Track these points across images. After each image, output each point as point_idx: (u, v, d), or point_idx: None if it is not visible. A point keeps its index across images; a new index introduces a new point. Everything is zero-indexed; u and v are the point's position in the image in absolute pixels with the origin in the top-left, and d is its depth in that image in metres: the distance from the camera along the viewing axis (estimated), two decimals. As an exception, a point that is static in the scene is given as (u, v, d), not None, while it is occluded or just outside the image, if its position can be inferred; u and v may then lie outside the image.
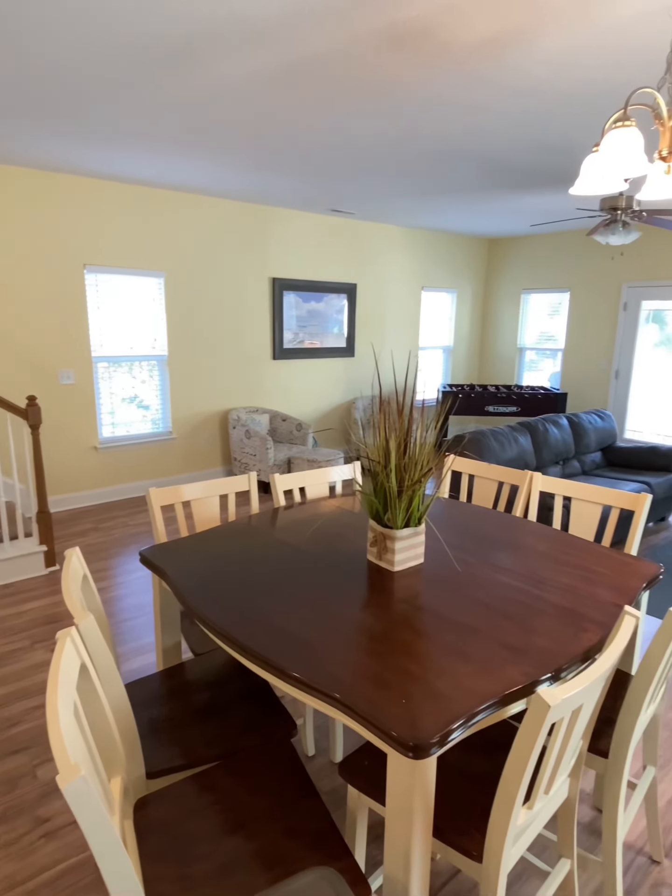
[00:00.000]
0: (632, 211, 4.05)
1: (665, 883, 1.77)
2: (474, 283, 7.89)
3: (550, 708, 0.98)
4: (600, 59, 2.35)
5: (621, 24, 2.06)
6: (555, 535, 2.09)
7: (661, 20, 2.02)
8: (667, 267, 6.34)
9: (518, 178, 4.37)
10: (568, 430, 4.89)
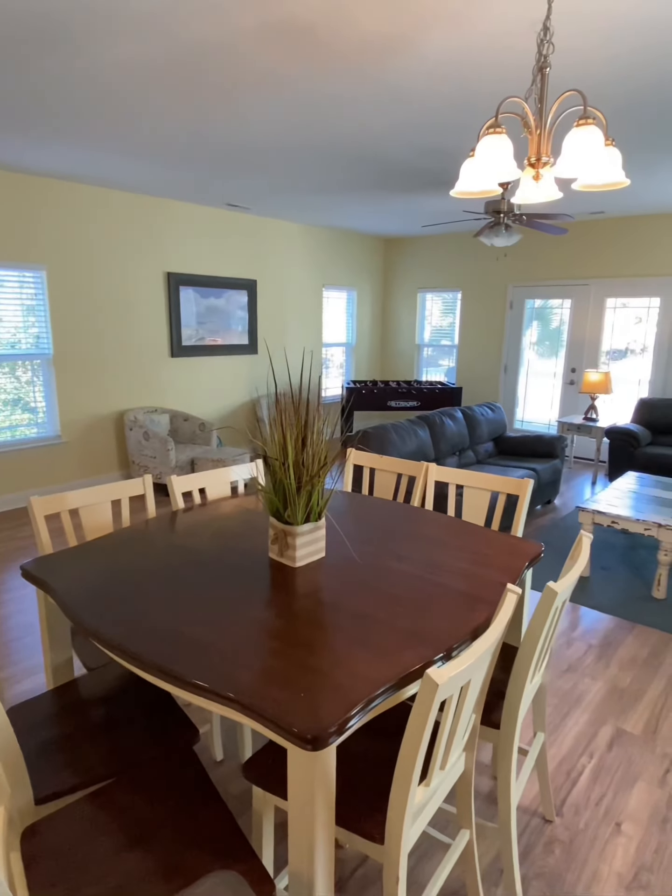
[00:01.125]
0: (513, 214, 4.31)
1: (557, 839, 1.91)
2: (373, 282, 8.07)
3: (439, 686, 1.02)
4: (476, 67, 2.47)
5: (494, 35, 2.18)
6: (449, 522, 2.18)
7: (529, 34, 2.16)
8: (546, 268, 6.83)
9: (407, 179, 4.52)
10: (462, 422, 5.13)
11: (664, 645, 3.04)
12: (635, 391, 6.51)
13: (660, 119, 3.11)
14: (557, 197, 1.91)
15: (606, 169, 1.55)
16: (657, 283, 6.13)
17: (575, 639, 3.09)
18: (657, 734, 2.38)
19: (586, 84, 2.62)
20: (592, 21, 2.05)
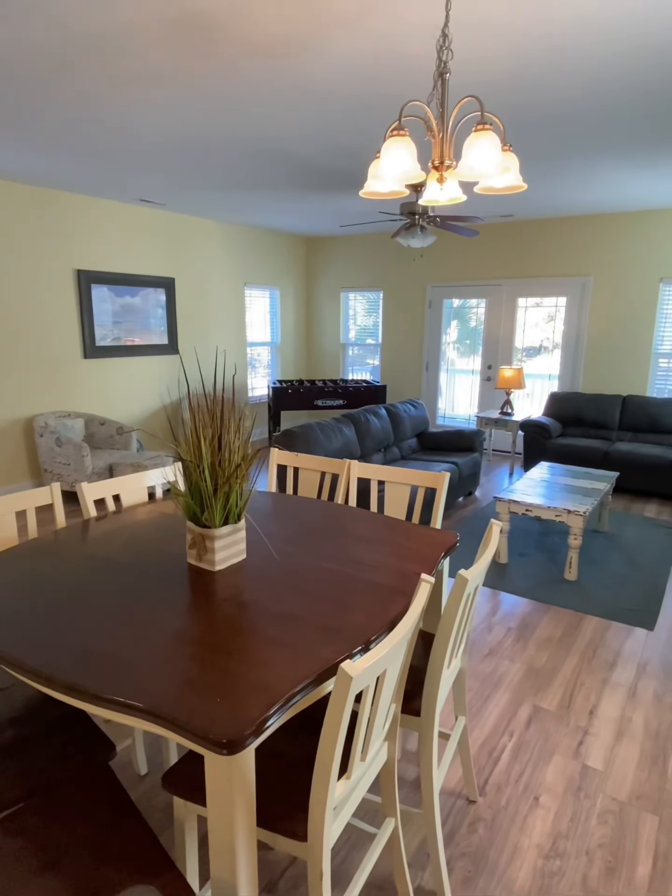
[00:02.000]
0: (427, 216, 4.43)
1: (480, 818, 1.98)
2: (296, 281, 8.07)
3: (353, 679, 1.04)
4: (381, 70, 2.52)
5: (396, 39, 2.23)
6: (370, 518, 2.21)
7: (430, 40, 2.22)
8: (461, 269, 7.07)
9: (323, 178, 4.54)
10: (387, 419, 5.23)
11: (576, 623, 3.23)
12: (548, 386, 6.87)
13: (555, 127, 3.29)
14: (462, 199, 1.98)
15: (503, 173, 1.62)
16: (564, 284, 6.49)
17: (495, 623, 3.23)
18: (571, 708, 2.53)
19: (487, 90, 2.73)
20: (491, 30, 2.14)
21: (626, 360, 6.25)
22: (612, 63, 2.44)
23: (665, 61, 2.42)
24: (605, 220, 6.12)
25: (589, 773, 2.17)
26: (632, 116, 3.10)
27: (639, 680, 2.73)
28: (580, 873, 1.78)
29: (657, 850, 1.86)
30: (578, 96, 2.81)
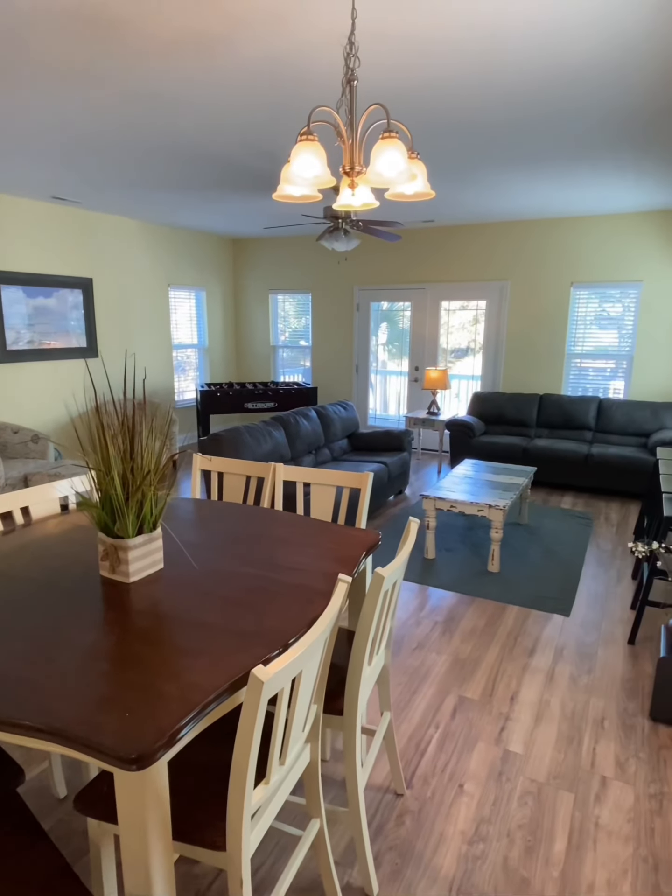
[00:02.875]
0: (350, 220, 4.49)
1: (408, 811, 2.02)
2: (223, 282, 7.96)
3: (264, 684, 1.03)
4: (294, 73, 2.53)
5: (307, 44, 2.25)
6: (294, 520, 2.22)
7: (338, 46, 2.25)
8: (387, 272, 7.21)
9: (243, 179, 4.51)
10: (317, 421, 5.25)
11: (499, 614, 3.36)
12: (473, 386, 7.11)
13: (466, 138, 3.41)
14: (375, 205, 2.02)
15: (410, 181, 1.67)
16: (483, 287, 6.74)
17: (423, 618, 3.31)
18: (493, 696, 2.62)
19: (397, 98, 2.80)
20: (398, 41, 2.20)
21: (542, 361, 6.56)
22: (516, 78, 2.55)
23: (564, 76, 2.56)
24: (520, 227, 6.41)
25: (510, 757, 2.26)
26: (536, 130, 3.26)
27: (556, 664, 2.87)
28: (501, 855, 1.85)
29: (572, 826, 1.97)
30: (485, 109, 2.93)
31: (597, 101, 2.82)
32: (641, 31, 2.13)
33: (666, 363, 5.97)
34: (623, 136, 3.36)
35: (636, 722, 2.46)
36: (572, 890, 1.74)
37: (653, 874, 1.79)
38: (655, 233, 5.79)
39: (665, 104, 2.86)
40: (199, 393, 6.59)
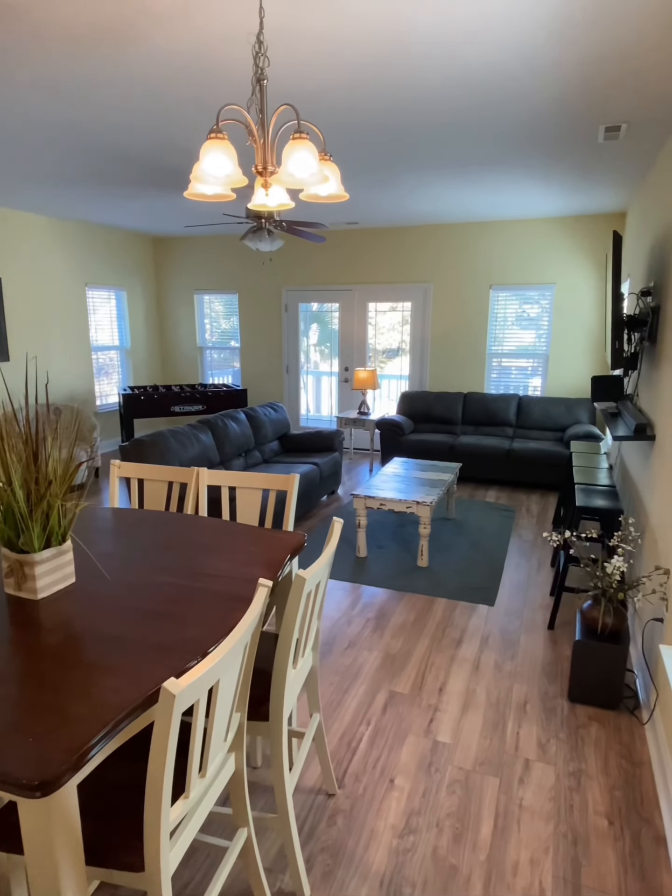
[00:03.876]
0: (273, 220, 4.46)
1: (340, 810, 2.03)
2: (145, 282, 7.73)
3: (176, 697, 1.00)
4: (204, 71, 2.49)
5: (217, 42, 2.21)
6: (217, 526, 2.17)
7: (247, 45, 2.23)
8: (314, 274, 7.22)
9: (160, 176, 4.39)
10: (246, 423, 5.19)
11: (427, 607, 3.43)
12: (402, 385, 7.24)
13: (384, 142, 3.47)
14: (290, 206, 2.01)
15: (321, 182, 1.67)
16: (408, 289, 6.88)
17: (355, 616, 3.33)
18: (422, 689, 2.68)
19: (311, 100, 2.80)
20: (308, 42, 2.20)
21: (465, 360, 6.78)
22: (421, 85, 2.62)
23: (469, 86, 2.65)
24: (441, 230, 6.59)
25: (439, 748, 2.32)
26: (447, 137, 3.36)
27: (482, 653, 2.96)
28: (431, 845, 1.89)
29: (498, 809, 2.03)
30: (397, 114, 2.99)
31: (502, 110, 2.94)
32: (543, 44, 2.24)
33: (578, 361, 6.31)
34: (531, 144, 3.52)
35: (556, 704, 2.58)
36: (498, 872, 1.80)
37: (572, 848, 1.88)
38: (566, 237, 6.11)
39: (567, 115, 3.02)
40: (122, 396, 6.36)
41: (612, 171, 4.14)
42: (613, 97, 2.76)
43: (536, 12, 1.99)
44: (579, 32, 2.14)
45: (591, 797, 2.08)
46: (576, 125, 3.16)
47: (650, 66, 2.41)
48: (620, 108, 2.90)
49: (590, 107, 2.89)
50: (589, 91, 2.70)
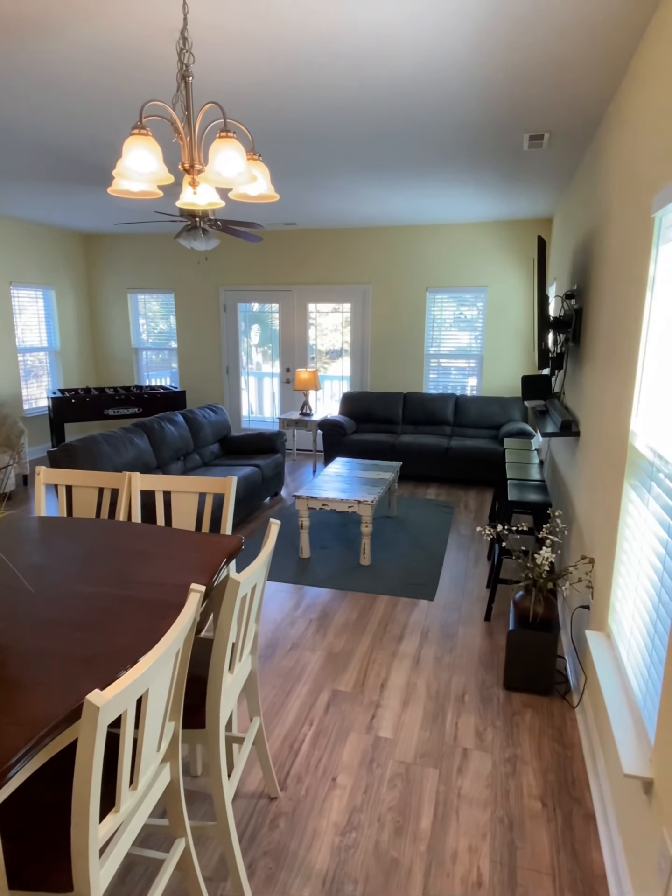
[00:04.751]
0: (208, 219, 4.39)
1: (282, 813, 2.02)
2: (75, 280, 7.44)
3: (100, 709, 0.97)
4: (128, 66, 2.42)
5: (140, 37, 2.15)
6: (151, 532, 2.12)
7: (171, 41, 2.19)
8: (253, 273, 7.17)
9: (86, 172, 4.25)
10: (184, 426, 5.08)
11: (370, 605, 3.47)
12: (345, 386, 7.28)
13: (315, 143, 3.49)
14: (220, 205, 1.99)
15: (250, 182, 1.66)
16: (347, 291, 6.94)
17: (298, 617, 3.33)
18: (365, 686, 2.70)
19: (238, 100, 2.78)
20: (234, 40, 2.18)
21: (404, 361, 6.89)
22: (359, 88, 2.64)
23: (402, 91, 2.70)
24: (379, 233, 6.67)
25: (380, 743, 2.34)
26: (385, 141, 3.41)
27: (422, 647, 3.02)
28: (373, 840, 1.91)
29: (437, 800, 2.08)
30: (327, 117, 3.01)
31: (431, 117, 3.01)
32: (469, 55, 2.30)
33: (511, 361, 6.53)
34: (460, 151, 3.61)
35: (493, 693, 2.66)
36: (438, 861, 1.84)
37: (508, 833, 1.95)
38: (498, 242, 6.32)
39: (494, 123, 3.12)
40: (51, 400, 6.10)
41: (538, 178, 4.32)
42: (536, 108, 2.88)
43: (464, 27, 2.05)
44: (502, 47, 2.22)
45: (525, 781, 2.16)
46: (502, 133, 3.28)
47: (568, 79, 2.53)
48: (543, 118, 3.03)
49: (515, 116, 3.01)
50: (513, 102, 2.80)
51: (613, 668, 1.89)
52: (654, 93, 1.92)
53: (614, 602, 2.04)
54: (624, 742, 1.56)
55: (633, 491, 1.89)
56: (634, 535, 1.83)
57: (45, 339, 7.06)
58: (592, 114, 2.93)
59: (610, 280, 2.47)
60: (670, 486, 1.51)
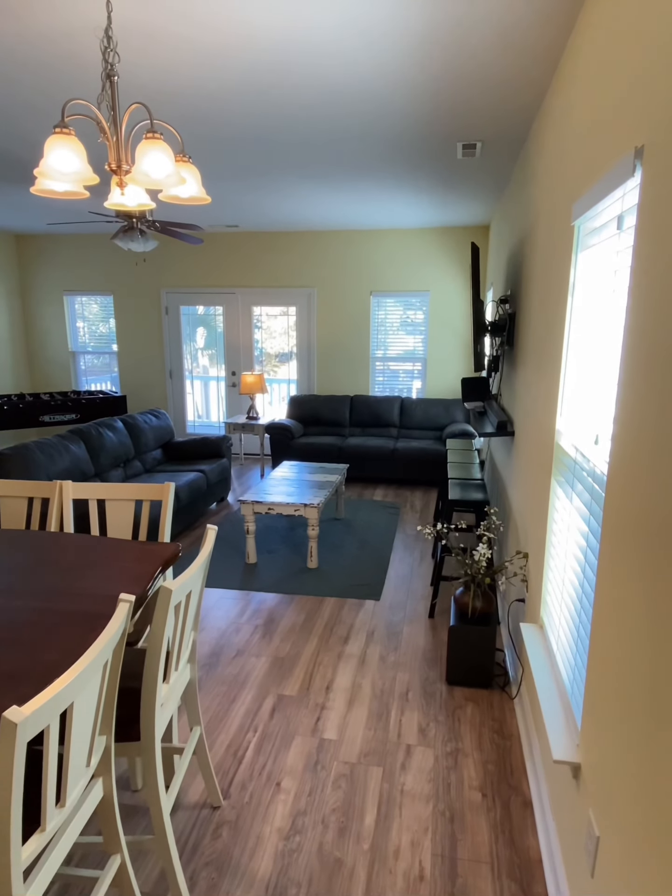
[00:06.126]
0: (146, 220, 4.30)
1: (225, 822, 1.99)
2: (6, 282, 7.14)
3: (17, 725, 0.94)
4: (47, 62, 2.35)
5: (61, 32, 2.10)
6: (83, 542, 2.06)
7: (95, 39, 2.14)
8: (195, 275, 7.06)
9: (9, 170, 4.09)
10: (124, 431, 4.95)
11: (316, 608, 3.47)
12: (292, 389, 7.27)
13: (251, 146, 3.48)
14: (151, 206, 1.96)
15: (178, 184, 1.64)
16: (292, 294, 6.94)
17: (243, 624, 3.29)
18: (310, 689, 2.70)
19: (168, 101, 2.74)
20: (163, 42, 2.15)
21: (351, 364, 6.95)
22: (292, 93, 2.65)
23: (335, 98, 2.72)
24: (323, 237, 6.70)
25: (325, 745, 2.35)
26: (321, 146, 3.43)
27: (367, 647, 3.05)
28: (317, 842, 1.91)
29: (381, 797, 2.10)
30: (267, 120, 3.01)
31: (366, 124, 3.05)
32: (400, 64, 2.35)
33: (452, 364, 6.69)
34: (396, 158, 3.68)
35: (436, 689, 2.71)
36: (381, 858, 1.86)
37: (449, 825, 1.99)
38: (437, 247, 6.46)
39: (427, 132, 3.20)
40: (-16, 407, 5.83)
41: (474, 186, 4.44)
42: (466, 116, 2.96)
43: (393, 35, 2.09)
44: (433, 55, 2.27)
45: (466, 773, 2.21)
46: (436, 142, 3.36)
47: (494, 87, 2.61)
48: (474, 127, 3.12)
49: (447, 125, 3.09)
50: (444, 110, 2.87)
51: (545, 659, 1.96)
52: (575, 100, 2.01)
53: (545, 595, 2.12)
54: (554, 729, 1.62)
55: (559, 487, 1.97)
56: (561, 530, 1.91)
57: (-24, 343, 6.73)
58: (522, 122, 3.04)
59: (538, 286, 2.57)
60: (591, 483, 1.59)
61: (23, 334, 7.46)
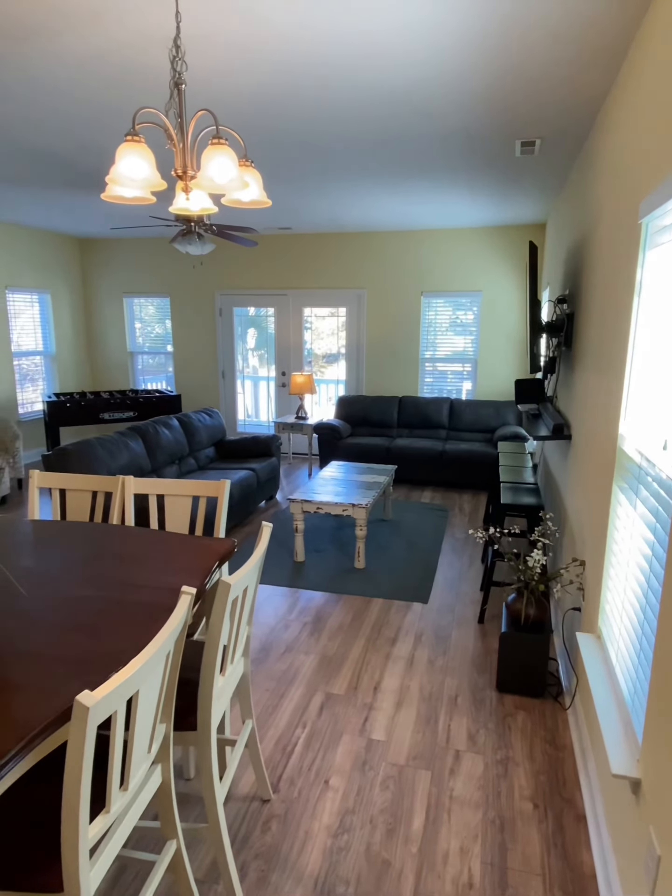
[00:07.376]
0: (203, 224, 4.41)
1: (274, 815, 2.02)
2: (71, 284, 7.45)
3: (89, 709, 0.98)
4: (120, 73, 2.44)
5: (132, 45, 2.17)
6: (144, 535, 2.13)
7: (164, 49, 2.21)
8: (249, 278, 7.19)
9: (78, 178, 4.26)
10: (179, 429, 5.09)
11: (364, 608, 3.48)
12: (341, 390, 7.30)
13: (310, 149, 3.51)
14: (213, 210, 2.01)
15: (242, 188, 1.68)
16: (342, 295, 6.96)
17: (292, 621, 3.33)
18: (358, 689, 2.71)
19: (230, 107, 2.80)
20: (225, 48, 2.20)
21: (400, 365, 6.92)
22: (349, 96, 2.67)
23: (392, 99, 2.72)
24: (373, 238, 6.70)
25: (373, 745, 2.35)
26: (376, 148, 3.43)
27: (415, 650, 3.03)
28: (365, 842, 1.92)
29: (429, 801, 2.09)
30: (323, 124, 3.03)
31: (422, 124, 3.03)
32: (457, 64, 2.33)
33: (504, 365, 6.57)
34: (453, 158, 3.64)
35: (485, 695, 2.67)
36: (429, 863, 1.84)
37: (500, 834, 1.96)
38: (492, 247, 6.35)
39: (485, 130, 3.15)
40: (46, 404, 6.11)
41: (531, 184, 4.35)
42: (525, 113, 2.91)
43: (456, 35, 2.07)
44: (493, 53, 2.24)
45: (517, 783, 2.17)
46: (494, 140, 3.31)
47: (553, 82, 2.55)
48: (534, 124, 3.06)
49: (505, 123, 3.04)
50: (503, 108, 2.83)
51: (603, 670, 1.91)
52: (641, 97, 1.95)
53: (604, 604, 2.06)
54: (612, 743, 1.58)
55: (621, 493, 1.91)
56: (623, 538, 1.85)
57: (41, 344, 7.06)
58: (583, 119, 2.96)
59: (600, 285, 2.50)
60: (657, 489, 1.53)
61: (85, 335, 7.78)
